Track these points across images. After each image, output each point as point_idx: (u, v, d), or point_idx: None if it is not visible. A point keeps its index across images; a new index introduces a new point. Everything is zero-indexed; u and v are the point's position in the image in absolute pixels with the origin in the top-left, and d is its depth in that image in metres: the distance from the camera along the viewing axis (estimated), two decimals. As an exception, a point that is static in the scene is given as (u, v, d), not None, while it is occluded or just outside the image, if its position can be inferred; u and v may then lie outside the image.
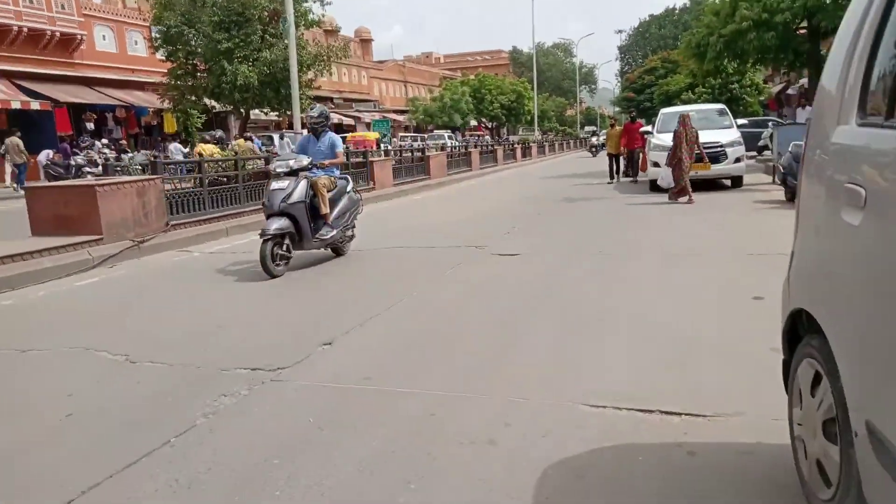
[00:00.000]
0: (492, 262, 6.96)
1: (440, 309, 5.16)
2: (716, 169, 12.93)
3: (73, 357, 4.25)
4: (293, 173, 6.80)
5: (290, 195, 6.63)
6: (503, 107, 50.00)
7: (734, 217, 9.42)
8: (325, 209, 6.96)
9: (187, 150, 22.28)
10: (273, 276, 6.37)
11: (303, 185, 6.77)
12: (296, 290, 6.15)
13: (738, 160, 13.05)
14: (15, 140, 19.60)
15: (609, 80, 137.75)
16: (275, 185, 6.76)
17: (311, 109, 7.54)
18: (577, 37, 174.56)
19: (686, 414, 2.95)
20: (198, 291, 6.29)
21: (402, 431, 2.94)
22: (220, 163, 11.67)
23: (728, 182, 13.72)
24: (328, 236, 7.05)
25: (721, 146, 12.97)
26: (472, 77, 53.09)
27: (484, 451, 2.73)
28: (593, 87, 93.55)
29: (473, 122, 52.85)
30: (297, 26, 16.90)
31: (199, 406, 3.32)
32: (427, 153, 20.27)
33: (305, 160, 6.92)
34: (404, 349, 4.19)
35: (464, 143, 30.65)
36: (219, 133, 22.95)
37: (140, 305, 5.80)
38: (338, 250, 7.60)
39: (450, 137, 37.78)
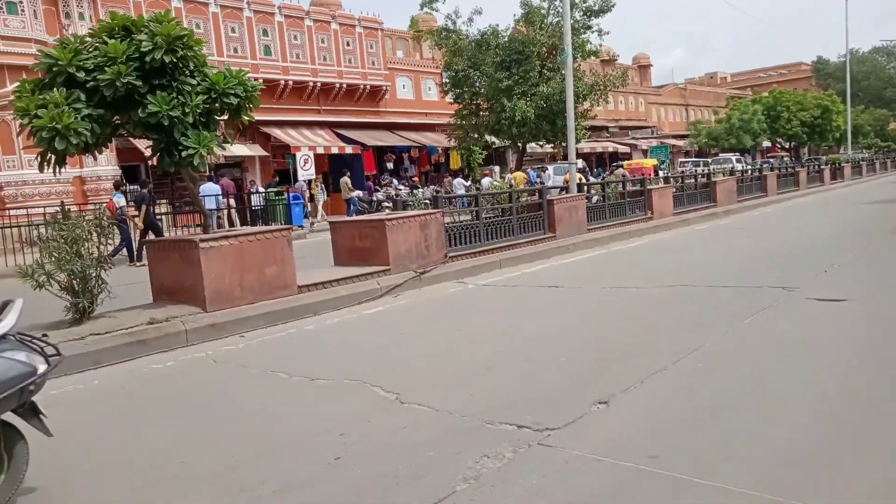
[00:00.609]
0: (809, 308, 5.63)
1: (743, 368, 4.19)
2: None
3: (351, 390, 4.34)
4: None
5: None
6: (803, 124, 43.74)
7: None
8: None
9: (468, 183, 23.77)
10: None
11: None
12: (562, 330, 5.66)
13: None
14: (345, 179, 23.32)
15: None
16: None
17: None
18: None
19: None
20: (470, 326, 6.20)
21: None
22: (495, 196, 11.91)
23: None
24: None
25: None
26: (764, 94, 47.62)
27: None
28: (929, 93, 77.01)
29: (766, 143, 47.28)
30: (574, 58, 16.75)
31: (460, 466, 3.00)
32: (713, 178, 18.42)
33: None
34: (697, 420, 3.39)
35: (757, 167, 27.36)
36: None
37: (416, 338, 5.89)
38: None
39: (738, 160, 34.14)
